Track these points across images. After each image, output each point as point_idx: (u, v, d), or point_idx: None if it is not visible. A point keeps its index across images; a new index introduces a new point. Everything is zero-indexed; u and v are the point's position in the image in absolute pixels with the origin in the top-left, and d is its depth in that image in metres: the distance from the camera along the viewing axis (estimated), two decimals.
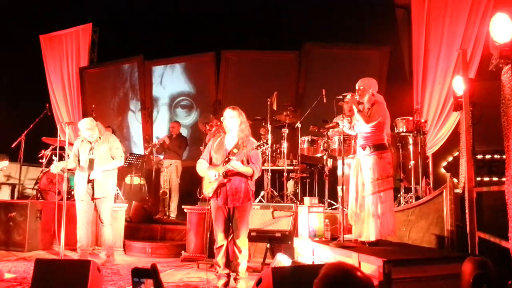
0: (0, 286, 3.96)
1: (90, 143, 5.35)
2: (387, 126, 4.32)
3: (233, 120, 4.18)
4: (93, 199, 5.25)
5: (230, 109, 4.23)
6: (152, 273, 1.14)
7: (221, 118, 4.31)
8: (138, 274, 1.19)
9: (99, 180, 5.23)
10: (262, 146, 4.05)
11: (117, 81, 9.95)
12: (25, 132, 7.47)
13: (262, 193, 6.32)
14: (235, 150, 4.09)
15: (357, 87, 4.38)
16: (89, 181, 5.23)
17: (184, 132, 9.24)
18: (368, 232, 4.13)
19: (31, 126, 7.60)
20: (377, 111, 4.20)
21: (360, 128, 4.33)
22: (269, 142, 4.08)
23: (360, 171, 4.29)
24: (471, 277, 2.30)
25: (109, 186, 5.37)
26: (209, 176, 4.14)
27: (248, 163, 4.09)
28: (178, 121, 8.33)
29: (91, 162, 5.28)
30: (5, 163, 5.76)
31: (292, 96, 8.21)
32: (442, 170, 7.00)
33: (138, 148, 9.43)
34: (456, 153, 6.57)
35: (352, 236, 4.35)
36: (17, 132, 7.49)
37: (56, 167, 5.38)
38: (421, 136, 5.94)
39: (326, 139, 6.02)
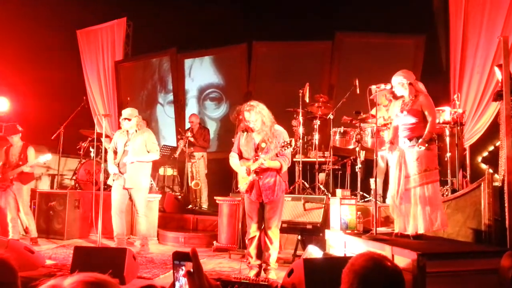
0: (42, 272, 4.13)
1: (127, 135, 5.50)
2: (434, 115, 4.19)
3: (256, 123, 4.16)
4: (124, 188, 5.40)
5: (247, 112, 4.15)
6: (192, 256, 1.18)
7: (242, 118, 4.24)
8: (179, 257, 1.23)
9: (130, 171, 5.35)
10: (286, 148, 4.02)
11: (147, 74, 10.09)
12: (64, 124, 7.72)
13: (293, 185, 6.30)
14: (263, 145, 4.14)
15: (397, 82, 4.22)
16: (121, 172, 5.38)
17: (213, 125, 9.25)
18: (416, 224, 4.00)
19: (70, 118, 7.86)
20: (426, 104, 4.08)
21: (404, 119, 4.21)
22: (293, 143, 4.01)
23: (403, 163, 4.13)
24: (511, 273, 2.22)
25: (140, 178, 5.45)
26: (241, 174, 4.23)
27: (276, 156, 4.12)
28: (195, 113, 8.30)
29: (125, 153, 5.42)
30: (48, 156, 5.98)
31: (324, 87, 8.08)
32: (481, 163, 6.76)
33: (167, 141, 9.40)
34: (494, 146, 6.32)
35: (396, 229, 4.23)
36: (56, 125, 7.75)
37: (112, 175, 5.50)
38: (459, 127, 5.74)
39: (358, 130, 5.93)
